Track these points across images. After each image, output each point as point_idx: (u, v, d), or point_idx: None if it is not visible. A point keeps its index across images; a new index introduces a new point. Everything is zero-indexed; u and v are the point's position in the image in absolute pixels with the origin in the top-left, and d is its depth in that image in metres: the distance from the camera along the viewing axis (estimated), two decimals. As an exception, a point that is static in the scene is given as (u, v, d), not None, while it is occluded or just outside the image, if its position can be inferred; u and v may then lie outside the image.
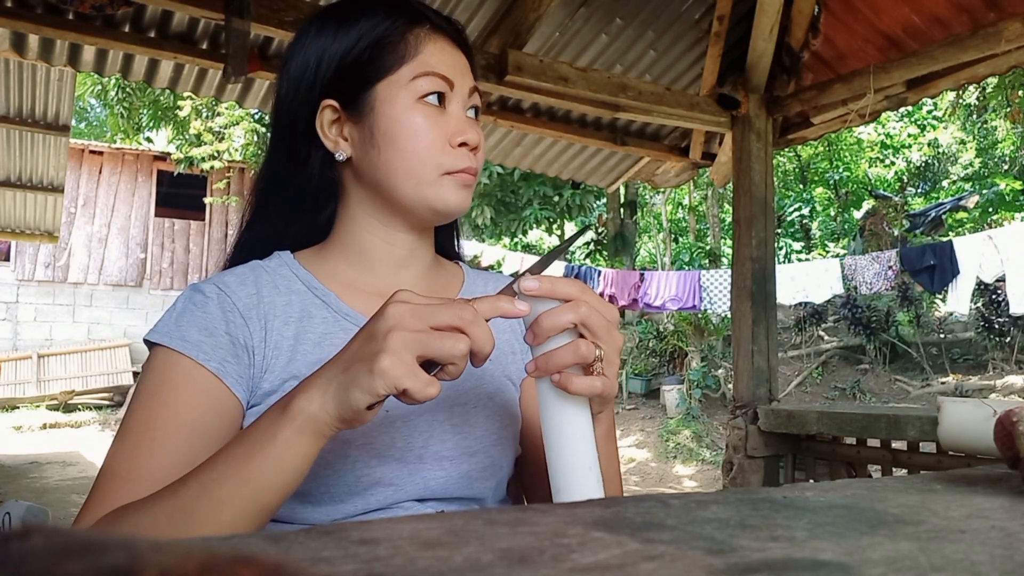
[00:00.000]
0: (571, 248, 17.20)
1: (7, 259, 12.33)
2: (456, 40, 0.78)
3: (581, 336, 0.59)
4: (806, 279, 7.20)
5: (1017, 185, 12.34)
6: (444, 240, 0.89)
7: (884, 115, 5.03)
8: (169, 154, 12.71)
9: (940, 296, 8.88)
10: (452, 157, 0.75)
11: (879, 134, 16.02)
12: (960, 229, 11.73)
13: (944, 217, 12.37)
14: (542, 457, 0.61)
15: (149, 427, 0.66)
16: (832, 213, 15.38)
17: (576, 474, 0.57)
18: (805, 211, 14.84)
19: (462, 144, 0.75)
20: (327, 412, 0.55)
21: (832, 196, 15.50)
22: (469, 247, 9.96)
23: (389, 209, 0.78)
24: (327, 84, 0.75)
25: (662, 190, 13.03)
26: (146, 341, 0.72)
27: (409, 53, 0.74)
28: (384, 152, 0.74)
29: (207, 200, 13.22)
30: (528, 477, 0.83)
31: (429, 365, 0.56)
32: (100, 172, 13.03)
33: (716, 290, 7.88)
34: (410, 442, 0.72)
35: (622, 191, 12.67)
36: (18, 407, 11.14)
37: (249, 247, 0.82)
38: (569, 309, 0.57)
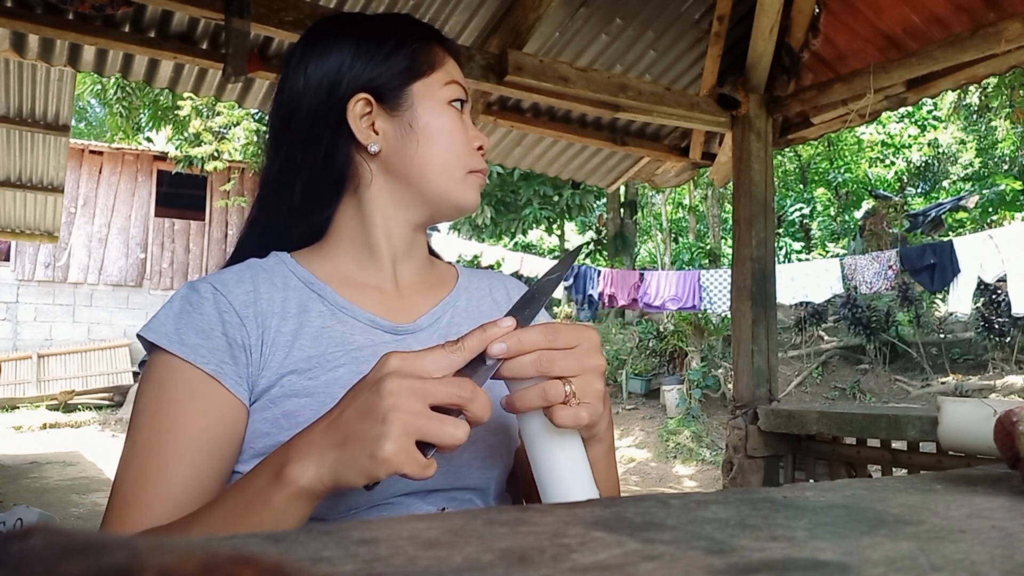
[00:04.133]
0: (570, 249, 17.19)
1: (7, 259, 12.33)
2: (459, 63, 0.86)
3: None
4: (806, 279, 7.21)
5: (1017, 185, 12.33)
6: None
7: (884, 115, 5.03)
8: (169, 154, 12.71)
9: (940, 296, 8.88)
10: (475, 158, 0.82)
11: (879, 134, 16.01)
12: (960, 229, 11.73)
13: (944, 217, 12.37)
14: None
15: (153, 447, 0.67)
16: (832, 213, 15.37)
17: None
18: (805, 211, 14.84)
19: (479, 148, 0.83)
20: (322, 484, 0.55)
21: (832, 196, 15.49)
22: (469, 247, 9.97)
23: (411, 201, 0.81)
24: (361, 79, 0.78)
25: (662, 190, 13.03)
26: (141, 339, 0.72)
27: (438, 62, 0.82)
28: (423, 146, 0.79)
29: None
30: (526, 478, 0.83)
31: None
32: (100, 172, 13.03)
33: (716, 290, 7.88)
34: None
35: (622, 191, 12.68)
36: (18, 407, 11.14)
37: (250, 247, 0.83)
38: (529, 363, 0.58)
